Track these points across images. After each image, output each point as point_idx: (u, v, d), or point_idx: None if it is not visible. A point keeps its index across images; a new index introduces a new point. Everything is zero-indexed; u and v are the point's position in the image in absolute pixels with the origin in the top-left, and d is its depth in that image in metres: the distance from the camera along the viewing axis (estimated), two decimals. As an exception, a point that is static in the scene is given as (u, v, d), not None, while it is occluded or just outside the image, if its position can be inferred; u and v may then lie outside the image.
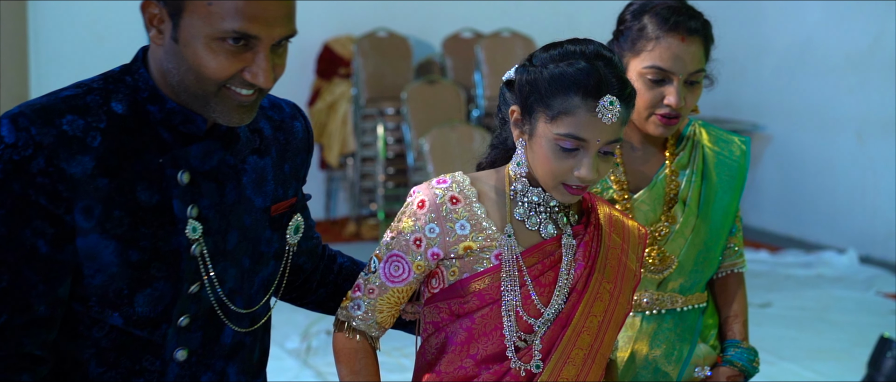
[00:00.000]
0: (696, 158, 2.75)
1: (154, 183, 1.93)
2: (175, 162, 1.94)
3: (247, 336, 2.11)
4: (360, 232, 9.21)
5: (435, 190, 2.21)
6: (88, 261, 1.91)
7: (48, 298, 1.90)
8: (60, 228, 1.88)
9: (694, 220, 2.70)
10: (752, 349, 2.76)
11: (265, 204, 2.09)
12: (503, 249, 2.20)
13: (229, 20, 1.85)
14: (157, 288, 1.96)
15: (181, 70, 1.90)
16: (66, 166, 1.86)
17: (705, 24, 2.64)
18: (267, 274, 2.12)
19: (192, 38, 1.87)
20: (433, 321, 2.27)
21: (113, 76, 1.96)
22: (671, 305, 2.71)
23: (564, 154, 2.14)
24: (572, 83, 2.13)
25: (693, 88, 2.62)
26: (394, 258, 2.23)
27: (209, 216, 1.98)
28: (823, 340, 6.36)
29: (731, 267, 2.80)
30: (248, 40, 1.87)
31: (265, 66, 1.88)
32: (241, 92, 1.91)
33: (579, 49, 2.18)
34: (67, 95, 1.91)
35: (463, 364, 2.24)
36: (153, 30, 1.91)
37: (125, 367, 1.99)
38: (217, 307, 2.03)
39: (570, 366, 2.22)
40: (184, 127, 1.95)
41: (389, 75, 9.48)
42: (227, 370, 2.09)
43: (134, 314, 1.96)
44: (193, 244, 1.96)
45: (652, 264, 2.69)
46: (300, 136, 2.19)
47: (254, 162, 2.07)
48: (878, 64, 8.27)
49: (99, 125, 1.89)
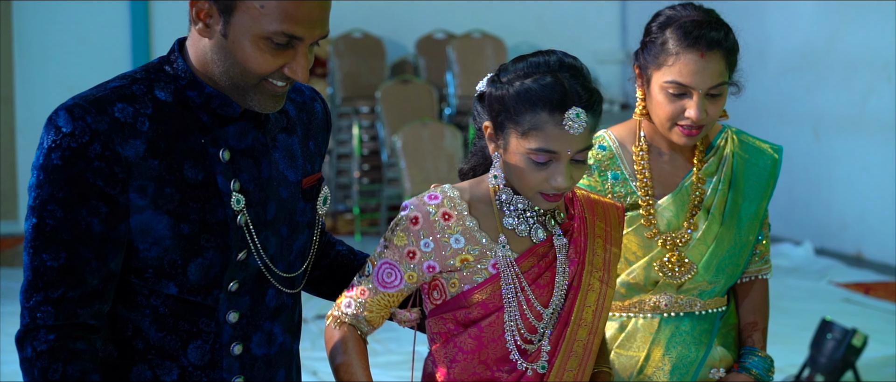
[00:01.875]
0: (725, 166, 2.73)
1: (199, 161, 2.05)
2: (216, 142, 2.07)
3: (288, 298, 2.22)
4: (336, 227, 9.38)
5: (427, 207, 2.23)
6: (144, 236, 2.03)
7: (101, 272, 2.01)
8: (114, 207, 1.99)
9: (717, 228, 2.69)
10: (769, 358, 2.74)
11: (297, 177, 2.20)
12: (499, 258, 2.24)
13: (278, 22, 1.97)
14: (207, 257, 2.07)
15: (227, 63, 2.03)
16: (121, 149, 1.98)
17: (728, 36, 2.62)
18: (302, 242, 2.23)
19: (241, 36, 1.99)
20: (440, 332, 2.30)
21: (153, 67, 2.08)
22: (690, 308, 2.70)
23: (538, 167, 2.18)
24: (538, 99, 2.16)
25: (715, 100, 2.61)
26: (386, 266, 2.26)
27: (250, 189, 2.10)
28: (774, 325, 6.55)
29: (756, 273, 2.78)
30: (292, 40, 2.00)
31: (304, 63, 2.02)
32: (278, 84, 2.04)
33: (544, 60, 2.20)
34: (115, 86, 2.03)
35: (476, 370, 2.27)
36: (200, 24, 2.02)
37: (184, 330, 2.10)
38: (265, 271, 2.14)
39: (574, 358, 2.28)
40: (221, 110, 2.07)
41: (364, 75, 9.64)
42: (273, 330, 2.19)
43: (187, 283, 2.08)
44: (238, 215, 2.08)
45: (671, 269, 2.67)
46: (320, 116, 2.29)
47: (283, 140, 2.18)
48: (834, 64, 8.50)
49: (146, 111, 2.01)
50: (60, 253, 1.99)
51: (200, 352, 2.11)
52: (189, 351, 2.11)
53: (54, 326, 2.01)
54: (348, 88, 9.60)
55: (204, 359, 2.12)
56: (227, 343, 2.12)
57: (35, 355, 2.00)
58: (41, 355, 2.00)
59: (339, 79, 9.59)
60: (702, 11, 2.63)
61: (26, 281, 2.01)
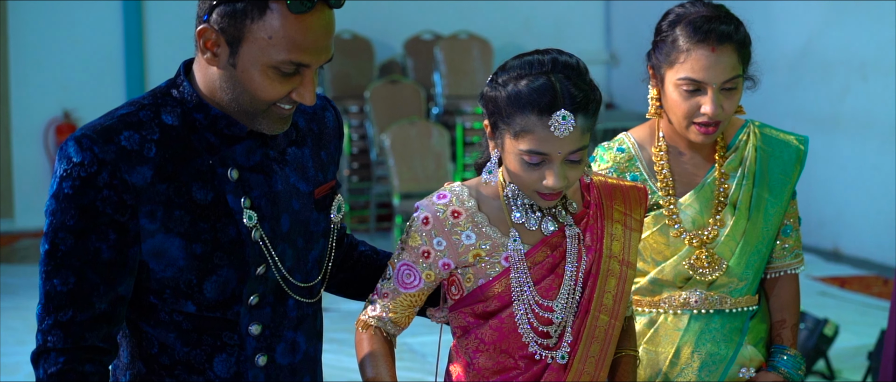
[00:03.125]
0: (748, 160, 2.69)
1: (207, 182, 2.08)
2: (223, 161, 2.09)
3: (308, 308, 2.24)
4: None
5: (436, 206, 2.26)
6: (158, 259, 2.07)
7: (109, 296, 2.05)
8: (123, 234, 2.03)
9: (744, 223, 2.66)
10: (799, 356, 2.70)
11: (309, 188, 2.21)
12: (510, 252, 2.26)
13: (285, 52, 2.00)
14: (221, 275, 2.10)
15: (236, 91, 2.06)
16: (128, 176, 2.01)
17: (739, 29, 2.59)
18: (318, 252, 2.26)
19: (249, 66, 2.02)
20: (461, 326, 2.33)
21: (160, 91, 2.11)
22: (720, 305, 2.66)
23: (531, 167, 2.19)
24: (527, 102, 2.16)
25: (730, 94, 2.59)
26: (404, 268, 2.29)
27: (261, 205, 2.12)
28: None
29: (785, 268, 2.74)
30: (300, 67, 2.03)
31: (312, 88, 2.06)
32: (285, 107, 2.08)
33: (537, 60, 2.20)
34: (122, 114, 2.06)
35: (500, 359, 2.30)
36: (208, 53, 2.05)
37: (208, 344, 2.13)
38: (283, 284, 2.16)
39: (596, 344, 2.29)
40: (228, 130, 2.10)
41: (353, 75, 9.70)
42: (296, 339, 2.22)
43: (204, 300, 2.11)
44: (253, 231, 2.10)
45: (701, 266, 2.65)
46: (331, 125, 2.31)
47: (293, 153, 2.20)
48: (812, 64, 8.67)
49: (153, 137, 2.05)
50: (69, 278, 2.03)
51: (226, 365, 2.15)
52: (215, 364, 2.14)
53: (64, 349, 2.04)
54: (338, 88, 9.68)
55: (230, 372, 2.15)
56: (252, 355, 2.16)
57: (46, 377, 2.04)
58: (51, 377, 2.04)
59: (328, 79, 9.66)
60: (711, 7, 2.61)
61: (40, 305, 2.06)
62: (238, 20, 2.01)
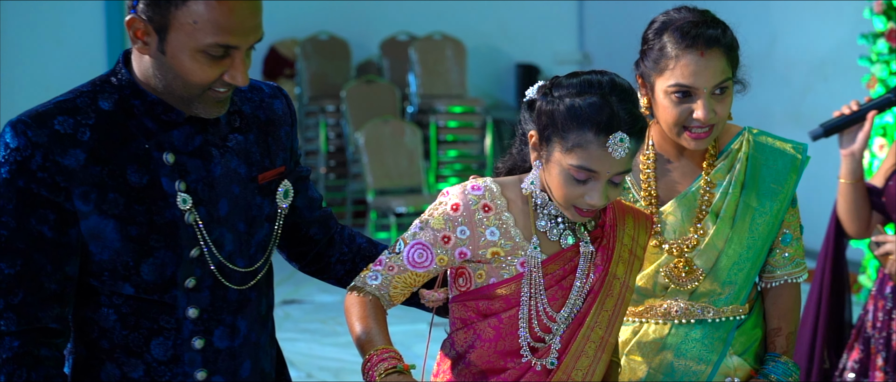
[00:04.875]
0: (738, 169, 2.66)
1: (143, 166, 2.11)
2: (160, 146, 2.12)
3: (251, 292, 2.25)
4: (304, 220, 9.62)
5: (469, 196, 2.29)
6: (94, 241, 2.10)
7: (57, 276, 2.08)
8: (61, 214, 2.06)
9: (727, 232, 2.63)
10: (792, 364, 2.66)
11: (252, 174, 2.23)
12: (528, 258, 2.29)
13: (212, 35, 2.02)
14: (158, 257, 2.13)
15: (168, 77, 2.08)
16: (61, 159, 2.05)
17: (726, 33, 2.57)
18: (262, 236, 2.27)
19: (178, 51, 2.05)
20: (461, 318, 2.36)
21: (101, 80, 2.16)
22: (702, 315, 2.63)
23: (576, 183, 2.22)
24: (586, 119, 2.18)
25: (722, 98, 2.55)
26: (419, 247, 2.30)
27: (197, 189, 2.15)
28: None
29: (785, 276, 2.70)
30: (228, 49, 2.05)
31: (243, 69, 2.08)
32: (220, 90, 2.10)
33: (596, 80, 2.22)
34: (60, 100, 2.11)
35: (491, 359, 2.32)
36: (139, 43, 2.07)
37: (145, 328, 2.16)
38: (216, 269, 2.18)
39: (584, 358, 2.32)
40: (165, 116, 2.13)
41: (330, 75, 9.81)
42: (236, 323, 2.24)
43: (142, 282, 2.13)
44: (186, 214, 2.13)
45: (678, 275, 2.63)
46: (281, 112, 2.32)
47: (236, 139, 2.22)
48: (775, 64, 8.86)
49: (88, 122, 2.08)
50: (16, 261, 2.05)
51: (163, 348, 2.17)
52: (152, 348, 2.17)
53: (18, 332, 2.07)
54: (315, 88, 9.78)
55: (167, 355, 2.17)
56: (188, 337, 2.18)
57: (1, 362, 2.06)
58: (6, 361, 2.06)
59: (306, 79, 9.76)
60: (696, 12, 2.59)
61: None
62: (162, 8, 2.03)
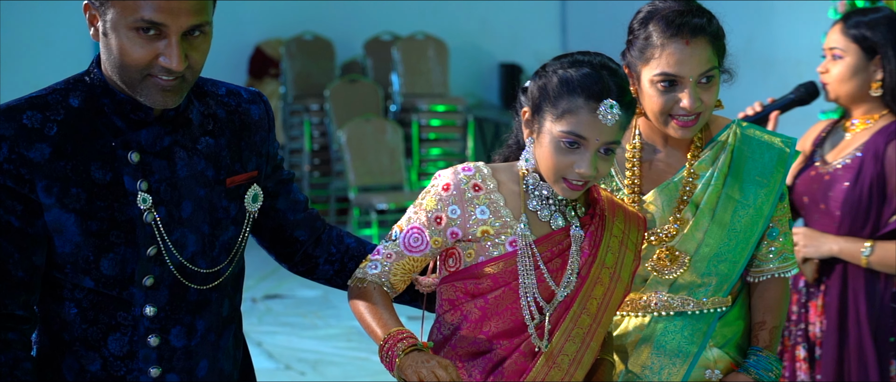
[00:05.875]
0: (722, 160, 2.64)
1: (107, 163, 2.13)
2: (126, 144, 2.15)
3: (212, 293, 2.27)
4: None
5: (460, 176, 2.34)
6: (56, 233, 2.13)
7: (24, 264, 2.11)
8: (27, 205, 2.09)
9: (706, 223, 2.62)
10: (774, 358, 2.64)
11: (219, 177, 2.25)
12: (518, 237, 2.33)
13: (141, 10, 2.04)
14: (118, 252, 2.15)
15: (111, 60, 2.11)
16: (26, 151, 2.08)
17: (711, 21, 2.56)
18: (227, 238, 2.28)
19: (114, 30, 2.07)
20: (449, 299, 2.39)
21: (75, 78, 2.19)
22: (682, 307, 2.63)
23: (566, 151, 2.26)
24: (577, 86, 2.25)
25: (708, 87, 2.55)
26: (414, 231, 2.36)
27: (160, 189, 2.17)
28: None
29: (772, 271, 2.68)
30: (158, 28, 2.05)
31: (176, 52, 2.06)
32: (162, 78, 2.09)
33: (587, 59, 2.30)
34: (31, 96, 2.14)
35: (477, 339, 2.36)
36: (92, 29, 2.12)
37: (103, 323, 2.19)
38: (174, 269, 2.20)
39: (571, 343, 2.34)
40: (134, 114, 2.15)
41: (315, 75, 9.90)
42: (195, 323, 2.25)
43: (102, 277, 2.16)
44: (145, 213, 2.15)
45: (660, 264, 2.63)
46: (257, 117, 2.35)
47: (206, 142, 2.24)
48: (752, 62, 9.00)
49: (56, 118, 2.11)
50: None
51: (119, 344, 2.20)
52: (109, 342, 2.19)
53: None
54: (300, 87, 9.86)
55: (122, 350, 2.20)
56: (144, 334, 2.20)
57: None
58: None
59: (291, 78, 9.84)
60: (682, 2, 2.58)
61: None
62: None
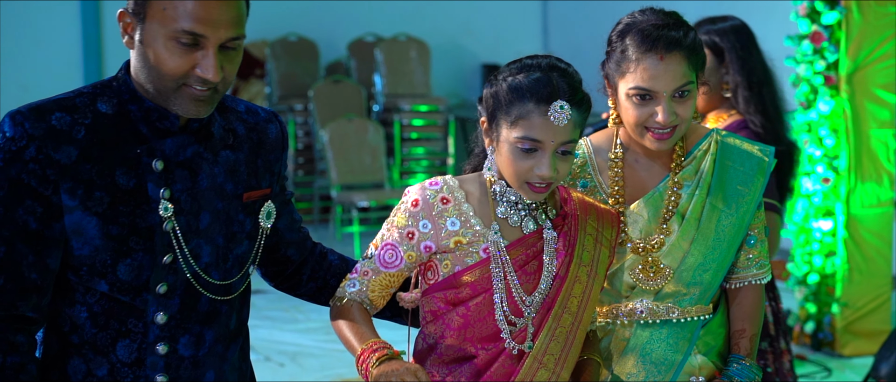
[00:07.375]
0: (704, 171, 2.65)
1: (132, 169, 2.14)
2: (151, 152, 2.16)
3: (223, 305, 2.28)
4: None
5: (427, 191, 2.37)
6: (76, 235, 2.12)
7: (38, 267, 2.10)
8: (48, 208, 2.09)
9: (692, 233, 2.62)
10: (755, 366, 2.64)
11: (237, 191, 2.27)
12: (490, 243, 2.36)
13: (181, 21, 2.06)
14: (136, 258, 2.16)
15: (147, 69, 2.11)
16: (53, 153, 2.08)
17: (687, 35, 2.54)
18: (241, 252, 2.30)
19: (152, 40, 2.09)
20: (431, 310, 2.42)
21: (102, 83, 2.20)
22: (667, 315, 2.62)
23: (524, 155, 2.29)
24: (527, 91, 2.27)
25: (683, 101, 2.54)
26: (388, 247, 2.39)
27: (181, 198, 2.18)
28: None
29: (749, 278, 2.68)
30: (198, 39, 2.08)
31: (213, 63, 2.08)
32: (197, 88, 2.11)
33: (535, 62, 2.32)
34: (60, 98, 2.15)
35: (461, 346, 2.38)
36: (126, 37, 2.13)
37: (114, 329, 2.19)
38: (191, 278, 2.21)
39: (555, 343, 2.37)
40: (160, 123, 2.16)
41: (299, 75, 10.01)
42: (203, 333, 2.26)
43: (117, 282, 2.16)
44: (165, 221, 2.16)
45: (646, 275, 2.62)
46: (273, 136, 2.37)
47: (227, 155, 2.26)
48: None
49: (84, 121, 2.12)
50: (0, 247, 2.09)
51: (128, 350, 2.20)
52: (118, 348, 2.20)
53: None
54: (284, 88, 9.96)
55: (131, 357, 2.21)
56: (153, 342, 2.21)
57: None
58: None
59: (275, 79, 9.93)
60: (661, 14, 2.57)
61: None
62: None
